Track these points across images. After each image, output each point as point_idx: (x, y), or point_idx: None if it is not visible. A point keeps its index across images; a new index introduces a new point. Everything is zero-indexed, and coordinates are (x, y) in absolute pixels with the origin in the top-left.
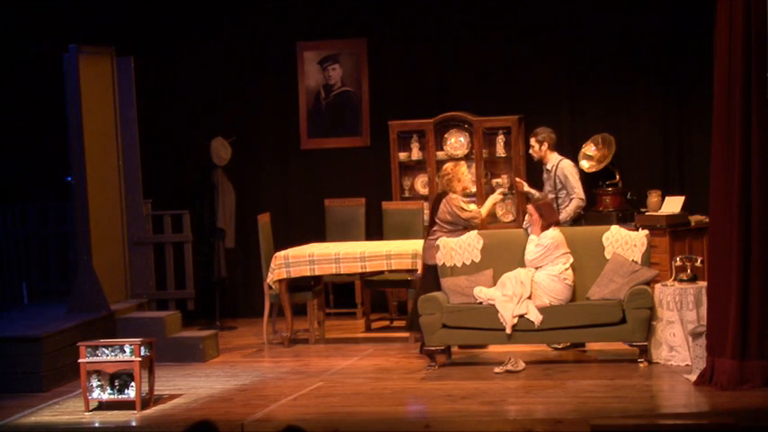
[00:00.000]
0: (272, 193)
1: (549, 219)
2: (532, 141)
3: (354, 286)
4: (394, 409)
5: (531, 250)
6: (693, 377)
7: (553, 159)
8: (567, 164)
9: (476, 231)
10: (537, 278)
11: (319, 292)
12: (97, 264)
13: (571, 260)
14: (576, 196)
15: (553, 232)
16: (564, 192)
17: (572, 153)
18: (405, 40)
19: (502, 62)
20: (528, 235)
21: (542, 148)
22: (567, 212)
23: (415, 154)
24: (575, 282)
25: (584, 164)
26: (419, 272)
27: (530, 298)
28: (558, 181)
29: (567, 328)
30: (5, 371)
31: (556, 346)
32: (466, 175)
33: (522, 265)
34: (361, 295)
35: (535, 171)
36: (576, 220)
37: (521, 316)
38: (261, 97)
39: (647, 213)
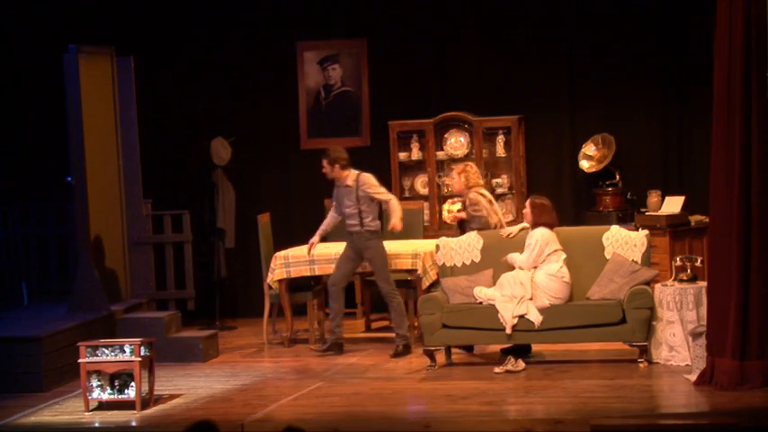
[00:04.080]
0: (272, 193)
1: (538, 218)
2: (324, 162)
3: (354, 286)
4: (394, 409)
5: (519, 256)
6: (693, 377)
7: (352, 176)
8: (367, 174)
9: (476, 231)
10: (536, 278)
11: (319, 292)
12: (97, 264)
13: (563, 256)
14: (392, 197)
15: (541, 230)
16: (369, 204)
17: (572, 153)
18: (405, 40)
19: (502, 62)
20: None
21: (335, 168)
22: (397, 215)
23: (415, 154)
24: (572, 279)
25: (585, 164)
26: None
27: (530, 299)
28: (360, 194)
29: (567, 328)
30: (5, 371)
31: None
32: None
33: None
34: (361, 295)
35: (534, 171)
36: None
37: (521, 316)
38: (261, 97)
39: (647, 213)
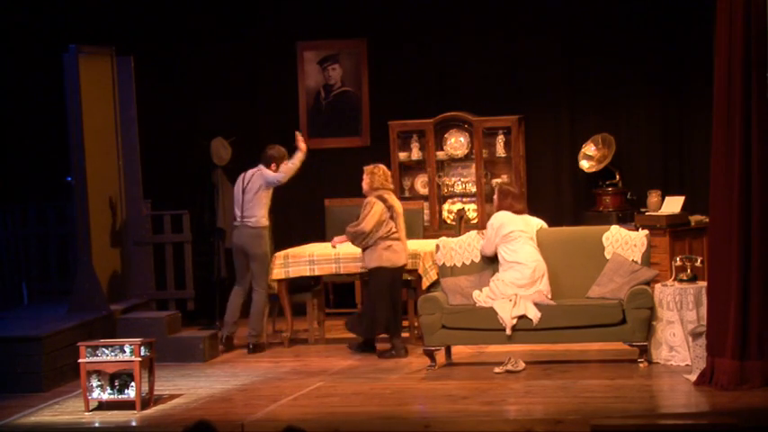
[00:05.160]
0: (271, 193)
1: (501, 202)
2: None
3: (354, 286)
4: (394, 409)
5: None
6: (693, 377)
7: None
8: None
9: (476, 231)
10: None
11: (319, 292)
12: (97, 264)
13: (521, 238)
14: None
15: (499, 213)
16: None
17: (572, 153)
18: (405, 40)
19: (502, 62)
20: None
21: None
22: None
23: (415, 154)
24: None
25: (585, 164)
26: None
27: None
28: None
29: (566, 328)
30: (6, 371)
31: None
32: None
33: None
34: (361, 295)
35: (534, 171)
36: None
37: (520, 317)
38: (261, 97)
39: (647, 213)
